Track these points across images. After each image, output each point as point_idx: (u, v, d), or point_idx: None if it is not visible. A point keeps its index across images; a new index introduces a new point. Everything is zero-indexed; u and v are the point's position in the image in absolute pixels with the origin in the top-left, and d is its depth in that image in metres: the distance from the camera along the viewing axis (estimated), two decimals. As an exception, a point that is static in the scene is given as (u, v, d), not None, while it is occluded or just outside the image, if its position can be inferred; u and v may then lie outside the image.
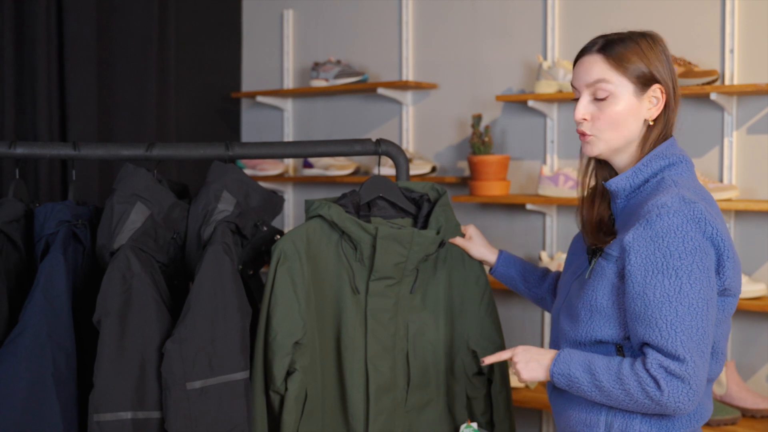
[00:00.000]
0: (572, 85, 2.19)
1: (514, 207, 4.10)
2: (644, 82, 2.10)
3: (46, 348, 2.36)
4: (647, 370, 1.96)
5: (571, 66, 3.75)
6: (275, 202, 2.63)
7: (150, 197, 2.48)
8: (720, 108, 3.58)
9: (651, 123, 2.11)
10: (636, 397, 1.98)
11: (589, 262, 2.14)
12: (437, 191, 2.64)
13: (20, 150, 2.62)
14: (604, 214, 2.20)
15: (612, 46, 2.11)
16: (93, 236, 2.56)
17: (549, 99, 3.87)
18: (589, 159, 2.23)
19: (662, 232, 1.96)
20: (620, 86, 2.09)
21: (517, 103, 4.04)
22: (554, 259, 3.82)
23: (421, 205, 2.64)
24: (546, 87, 3.84)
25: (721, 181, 3.56)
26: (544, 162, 4.03)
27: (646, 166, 2.10)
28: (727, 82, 3.57)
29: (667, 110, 2.12)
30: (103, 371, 2.30)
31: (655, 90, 2.10)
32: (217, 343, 2.36)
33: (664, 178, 2.08)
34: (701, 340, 1.95)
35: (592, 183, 2.26)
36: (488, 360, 2.25)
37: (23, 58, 3.90)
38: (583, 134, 2.14)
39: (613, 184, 2.12)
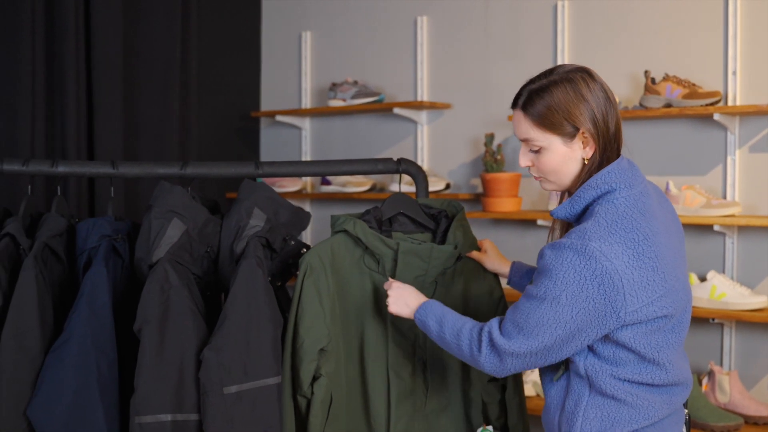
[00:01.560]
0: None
1: (525, 223, 4.18)
2: (568, 131, 2.16)
3: (91, 355, 2.49)
4: (479, 333, 2.21)
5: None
6: (302, 218, 2.76)
7: (185, 213, 2.61)
8: (723, 128, 3.67)
9: (586, 161, 2.18)
10: (463, 351, 2.24)
11: None
12: (455, 207, 2.75)
13: (62, 168, 2.76)
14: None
15: (533, 104, 2.16)
16: (131, 250, 2.68)
17: (559, 118, 3.95)
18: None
19: (549, 262, 2.10)
20: (546, 141, 2.17)
21: (528, 122, 4.12)
22: None
23: (439, 221, 2.76)
24: (556, 107, 3.94)
25: (724, 197, 3.66)
26: (554, 179, 4.11)
27: (580, 197, 2.18)
28: (729, 102, 3.66)
29: (601, 145, 2.17)
30: (145, 376, 2.43)
31: (581, 136, 2.15)
32: (252, 350, 2.49)
33: (594, 207, 2.15)
34: (529, 336, 2.12)
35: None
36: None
37: (53, 80, 4.01)
38: (535, 176, 2.26)
39: (555, 213, 2.24)
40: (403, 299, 2.41)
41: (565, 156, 2.18)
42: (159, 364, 2.45)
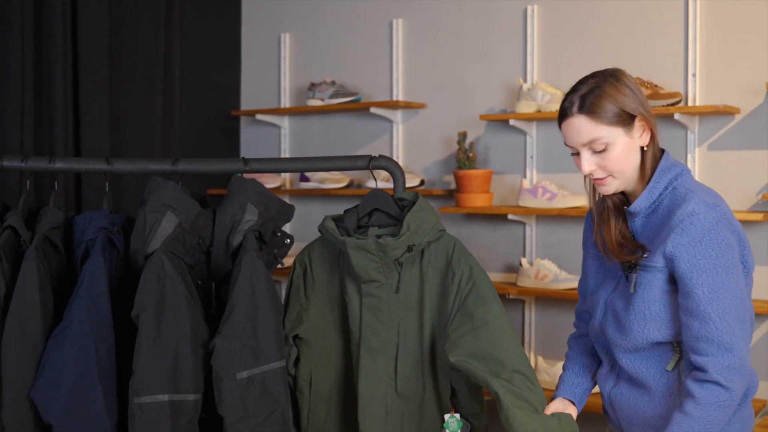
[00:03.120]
0: (566, 144, 2.32)
1: (496, 217, 4.29)
2: (627, 121, 2.25)
3: (90, 340, 2.62)
4: (713, 382, 2.17)
5: (548, 88, 4.05)
6: (288, 211, 2.92)
7: (178, 207, 2.75)
8: (683, 127, 3.84)
9: (645, 148, 2.30)
10: (718, 419, 2.18)
11: (626, 278, 2.34)
12: (415, 195, 2.88)
13: (59, 164, 2.90)
14: (624, 233, 2.37)
15: (591, 104, 2.24)
16: (126, 242, 2.82)
17: (529, 118, 4.07)
18: (593, 191, 2.42)
19: (698, 236, 2.19)
20: (612, 135, 2.24)
21: (499, 121, 4.23)
22: (533, 264, 4.06)
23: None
24: (526, 107, 4.05)
25: (685, 193, 3.85)
26: (524, 176, 4.23)
27: (658, 183, 2.30)
28: (689, 103, 3.81)
29: (653, 132, 2.31)
30: (143, 359, 2.57)
31: (638, 122, 2.26)
32: (259, 337, 2.64)
33: (675, 187, 2.29)
34: (744, 325, 2.21)
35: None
36: None
37: (42, 80, 4.09)
38: (599, 179, 2.30)
39: (636, 206, 2.32)
40: None
41: (628, 147, 2.27)
42: (156, 348, 2.59)
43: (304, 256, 2.93)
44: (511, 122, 4.11)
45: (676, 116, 3.70)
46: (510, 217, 4.13)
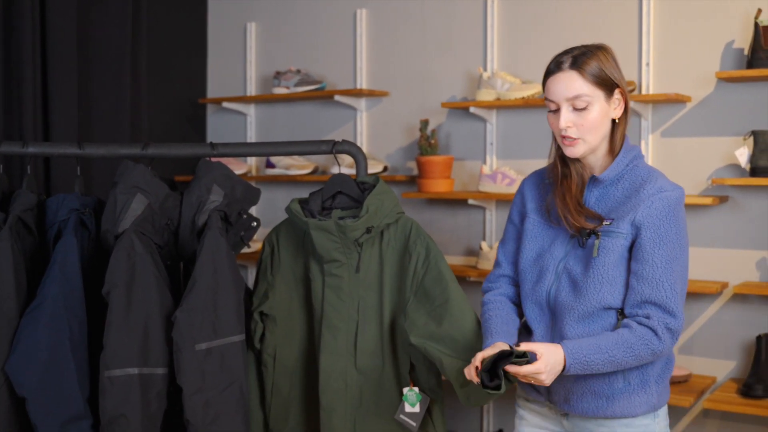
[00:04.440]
0: (548, 98, 2.43)
1: (457, 202, 4.39)
2: (610, 88, 2.41)
3: (63, 316, 2.72)
4: (650, 327, 2.34)
5: (508, 77, 4.15)
6: (254, 194, 3.02)
7: (148, 189, 2.85)
8: (637, 114, 3.94)
9: (617, 121, 2.46)
10: (641, 354, 2.34)
11: (580, 243, 2.45)
12: (376, 179, 2.99)
13: (32, 149, 2.99)
14: (579, 201, 2.48)
15: (582, 62, 2.39)
16: (97, 223, 2.92)
17: (488, 106, 4.16)
18: (560, 163, 2.52)
19: (665, 210, 2.38)
20: (595, 95, 2.38)
21: (460, 109, 4.31)
22: (493, 248, 4.16)
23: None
24: (486, 95, 4.13)
25: (638, 178, 3.96)
26: (484, 162, 4.32)
27: (624, 157, 2.47)
28: (643, 91, 3.92)
29: (627, 108, 2.48)
30: (113, 334, 2.67)
31: (618, 93, 2.43)
32: (219, 311, 2.74)
33: (636, 165, 2.47)
34: (683, 298, 2.40)
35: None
36: (520, 370, 2.31)
37: (11, 69, 4.10)
38: (570, 138, 2.41)
39: (605, 175, 2.45)
40: (553, 370, 2.34)
41: (604, 113, 2.42)
42: (126, 323, 2.69)
43: (272, 237, 3.05)
44: (472, 110, 4.20)
45: (631, 104, 3.77)
46: (470, 202, 4.22)
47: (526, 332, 2.61)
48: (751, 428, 3.79)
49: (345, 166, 4.33)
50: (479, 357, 2.38)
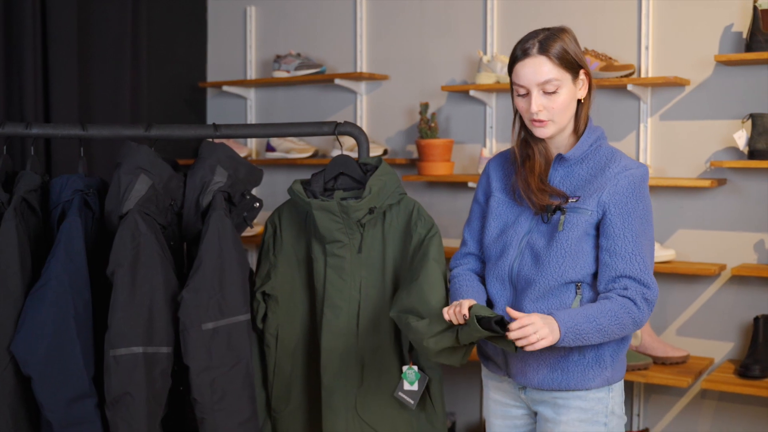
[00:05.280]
0: (517, 83, 2.47)
1: (457, 185, 4.40)
2: (576, 70, 2.49)
3: (68, 296, 2.75)
4: (629, 298, 2.41)
5: (507, 60, 4.17)
6: (257, 175, 3.04)
7: (152, 169, 2.87)
8: (636, 98, 3.96)
9: (581, 101, 2.53)
10: (624, 323, 2.41)
11: (544, 219, 2.50)
12: (378, 161, 3.01)
13: (36, 130, 3.01)
14: (543, 179, 2.54)
15: (550, 47, 2.44)
16: (100, 204, 2.94)
17: (488, 89, 4.17)
18: (523, 138, 2.58)
19: (631, 188, 2.46)
20: (564, 78, 2.46)
21: (460, 92, 4.31)
22: None
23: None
24: (485, 78, 4.14)
25: (637, 160, 3.97)
26: (484, 145, 4.33)
27: (589, 137, 2.55)
28: (642, 75, 3.93)
29: (590, 88, 2.54)
30: (118, 314, 2.70)
31: (582, 74, 2.51)
32: (225, 290, 2.77)
33: (600, 145, 2.55)
34: (653, 268, 2.48)
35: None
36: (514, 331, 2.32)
37: (12, 54, 4.11)
38: (540, 121, 2.47)
39: (571, 153, 2.52)
40: (546, 337, 2.33)
41: (572, 95, 2.49)
42: (131, 302, 2.71)
43: (274, 218, 3.07)
44: (472, 93, 4.21)
45: (629, 87, 3.82)
46: (470, 185, 4.22)
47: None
48: (749, 408, 3.82)
49: (345, 149, 4.33)
50: (466, 304, 2.43)
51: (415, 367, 2.96)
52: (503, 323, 2.35)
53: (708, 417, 3.91)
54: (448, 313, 2.45)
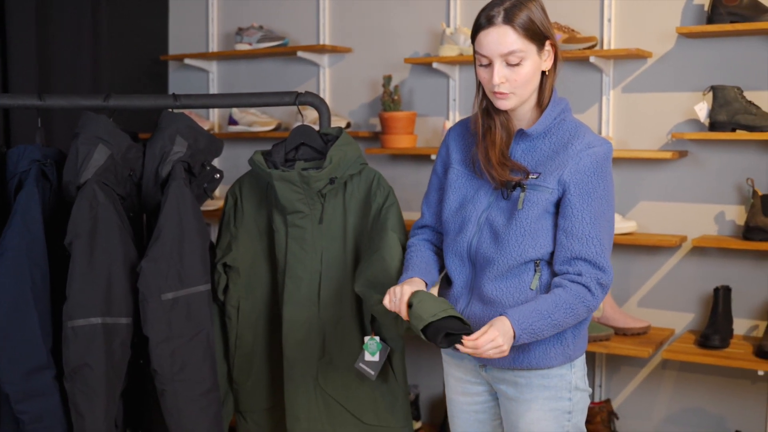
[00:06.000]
0: (480, 52, 2.38)
1: (420, 158, 4.40)
2: (541, 41, 2.38)
3: (25, 266, 2.71)
4: (583, 284, 2.36)
5: (470, 33, 4.16)
6: (218, 145, 3.02)
7: (110, 139, 2.84)
8: (599, 70, 3.96)
9: (546, 73, 2.45)
10: (578, 313, 2.38)
11: (504, 195, 2.44)
12: (339, 131, 3.00)
13: (-8, 100, 2.97)
14: (504, 153, 2.47)
15: (514, 16, 2.33)
16: (58, 175, 2.91)
17: (451, 61, 4.15)
18: (485, 108, 2.49)
19: (593, 167, 2.39)
20: (528, 50, 2.35)
21: (423, 65, 4.31)
22: None
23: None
24: (449, 51, 4.12)
25: (599, 133, 3.99)
26: (447, 118, 4.32)
27: (553, 110, 2.46)
28: (605, 47, 3.93)
29: (556, 60, 2.46)
30: (76, 284, 2.67)
31: (548, 45, 2.41)
32: (185, 260, 2.75)
33: (564, 119, 2.47)
34: (610, 250, 2.43)
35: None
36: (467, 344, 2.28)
37: None
38: (502, 93, 2.38)
39: (534, 129, 2.45)
40: (508, 337, 2.31)
41: (536, 66, 2.40)
42: (89, 273, 2.68)
43: (235, 189, 3.05)
44: (435, 66, 4.19)
45: (592, 59, 3.83)
46: (433, 157, 4.19)
47: (447, 284, 2.62)
48: (708, 378, 3.86)
49: (308, 123, 4.31)
50: (406, 292, 2.41)
51: (377, 338, 2.95)
52: (452, 336, 2.32)
53: (669, 387, 3.94)
54: (390, 305, 2.45)
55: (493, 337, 2.27)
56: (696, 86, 3.81)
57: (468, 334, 2.31)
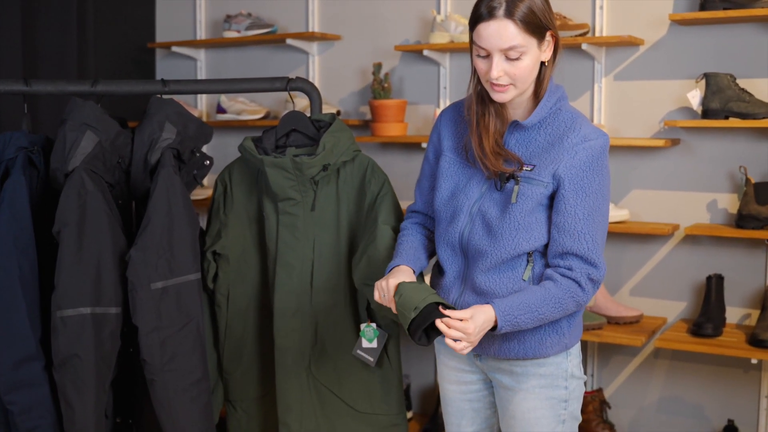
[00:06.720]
0: (478, 44, 2.30)
1: (411, 146, 4.37)
2: (542, 34, 2.30)
3: (13, 255, 2.68)
4: (573, 279, 2.34)
5: (461, 20, 4.13)
6: (207, 132, 2.98)
7: (98, 126, 2.80)
8: (591, 57, 3.94)
9: (545, 63, 2.38)
10: (567, 307, 2.35)
11: (497, 186, 2.40)
12: (332, 117, 2.96)
13: (-23, 86, 2.92)
14: (499, 143, 2.42)
15: (516, 8, 2.25)
16: (45, 162, 2.87)
17: (442, 49, 4.12)
18: (478, 101, 2.42)
19: (588, 161, 2.33)
20: (528, 45, 2.28)
21: (414, 52, 4.27)
22: None
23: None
24: (439, 38, 4.09)
25: (591, 121, 3.98)
26: (438, 106, 4.29)
27: (548, 100, 2.40)
28: (597, 34, 3.91)
29: (556, 50, 2.39)
30: (65, 274, 2.63)
31: (549, 36, 2.33)
32: (174, 249, 2.71)
33: (560, 108, 2.41)
34: (603, 247, 2.39)
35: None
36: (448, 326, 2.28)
37: None
38: (500, 86, 2.32)
39: (530, 120, 2.39)
40: (482, 331, 2.31)
41: (536, 59, 2.33)
42: (78, 262, 2.65)
43: (224, 175, 3.01)
44: (425, 53, 4.16)
45: (584, 47, 3.80)
46: (424, 146, 4.18)
47: (439, 273, 2.59)
48: (701, 366, 3.84)
49: (298, 109, 4.27)
50: (392, 285, 2.40)
51: (374, 324, 2.93)
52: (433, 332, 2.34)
53: (661, 376, 3.93)
54: (380, 300, 2.44)
55: (464, 328, 2.26)
56: (689, 74, 3.79)
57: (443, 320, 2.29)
